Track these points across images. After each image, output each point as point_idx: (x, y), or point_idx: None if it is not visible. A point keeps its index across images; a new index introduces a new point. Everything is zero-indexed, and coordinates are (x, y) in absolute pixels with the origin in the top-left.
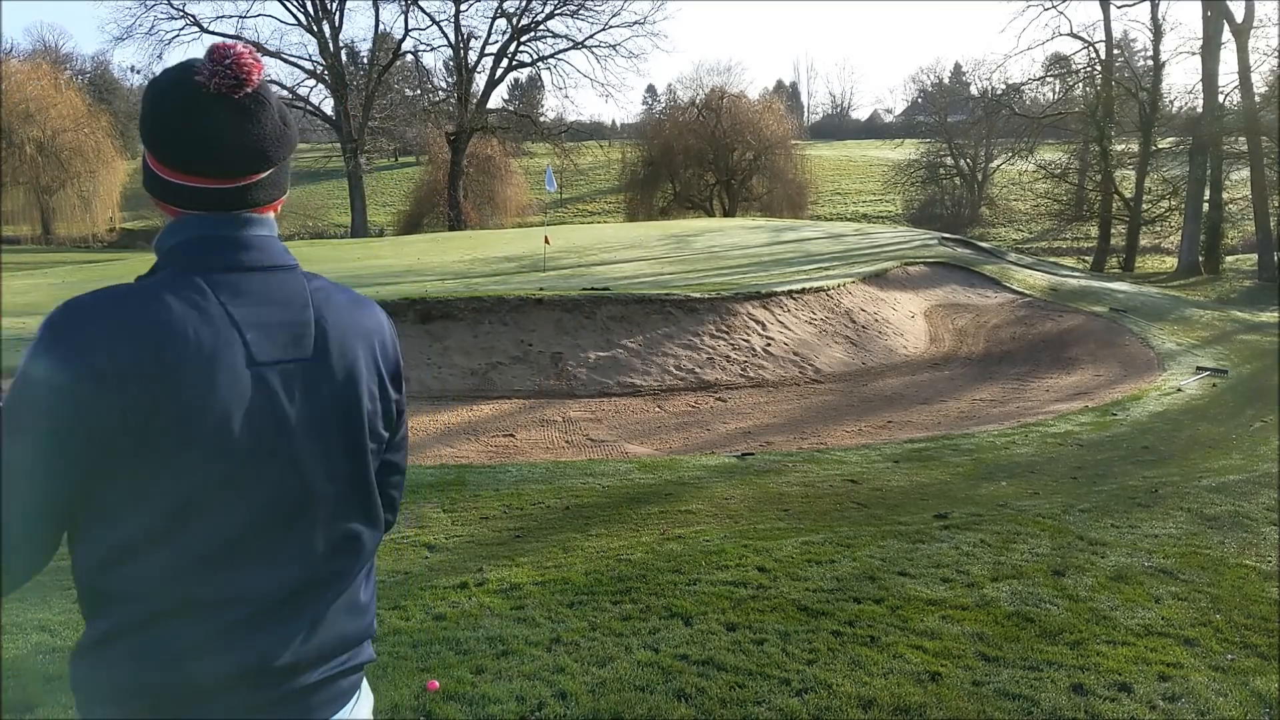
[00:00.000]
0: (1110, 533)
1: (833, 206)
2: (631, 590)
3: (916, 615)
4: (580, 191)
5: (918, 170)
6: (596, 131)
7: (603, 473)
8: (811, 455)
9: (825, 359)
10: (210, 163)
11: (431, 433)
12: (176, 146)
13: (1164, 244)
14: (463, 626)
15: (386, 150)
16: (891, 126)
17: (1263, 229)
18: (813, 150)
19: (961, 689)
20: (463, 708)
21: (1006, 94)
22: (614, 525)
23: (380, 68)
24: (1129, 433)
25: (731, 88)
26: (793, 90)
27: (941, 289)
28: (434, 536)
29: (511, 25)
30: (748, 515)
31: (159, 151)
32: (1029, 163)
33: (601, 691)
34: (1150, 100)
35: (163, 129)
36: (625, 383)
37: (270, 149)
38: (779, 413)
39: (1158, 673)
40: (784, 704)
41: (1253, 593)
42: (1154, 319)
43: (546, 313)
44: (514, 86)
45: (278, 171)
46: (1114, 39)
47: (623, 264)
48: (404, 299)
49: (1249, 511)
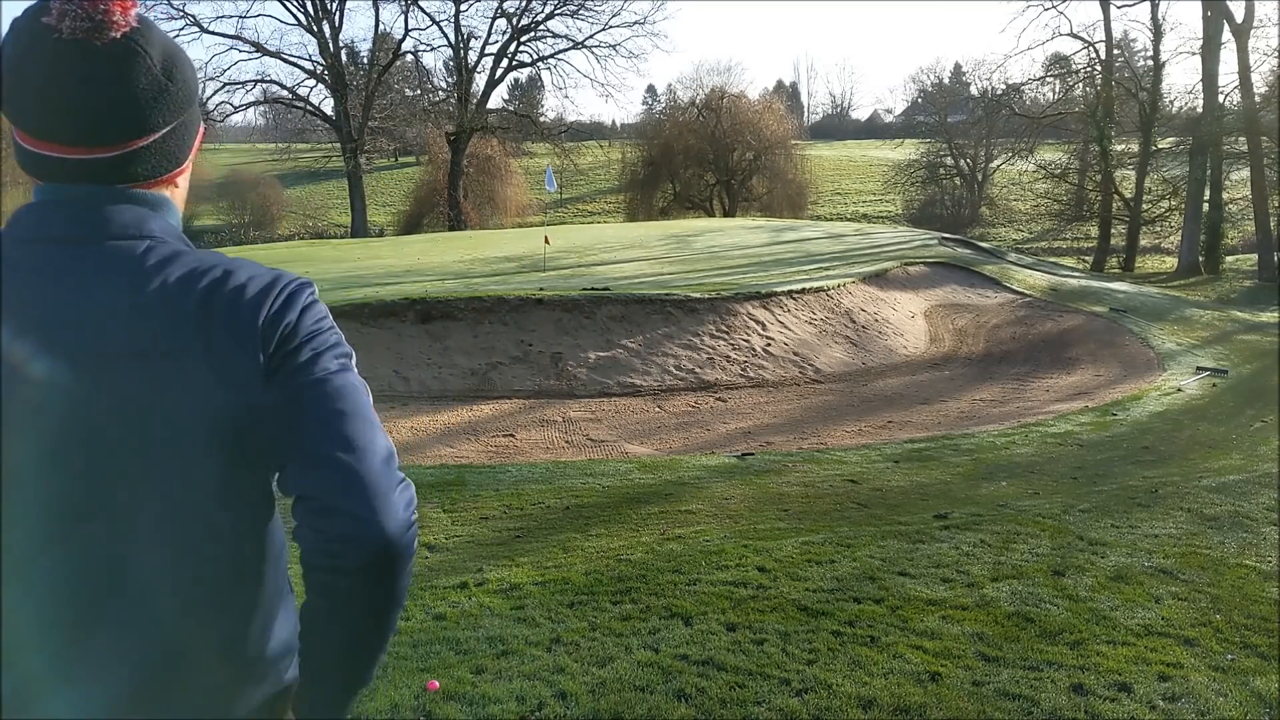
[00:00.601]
0: (1110, 533)
1: (833, 206)
2: (631, 590)
3: (916, 615)
4: (580, 191)
5: (918, 170)
6: (596, 131)
7: (603, 473)
8: (811, 455)
9: (825, 359)
10: (60, 126)
11: (431, 433)
12: (21, 106)
13: (1164, 244)
14: (463, 626)
15: (386, 150)
16: (891, 126)
17: (1263, 229)
18: (813, 150)
19: (961, 689)
20: (463, 708)
21: (1006, 94)
22: (614, 525)
23: (380, 68)
24: (1129, 433)
25: (731, 88)
26: (793, 90)
27: (941, 289)
28: (434, 536)
29: (511, 25)
30: (748, 515)
31: (7, 111)
32: (1029, 163)
33: (601, 691)
34: (1150, 100)
35: (7, 84)
36: (625, 383)
37: (144, 111)
38: (779, 413)
39: (1158, 673)
40: (784, 704)
41: (1253, 593)
42: (1154, 319)
43: (546, 313)
44: (514, 86)
45: (166, 139)
46: (1114, 39)
47: (623, 264)
48: (404, 299)
49: (1249, 511)
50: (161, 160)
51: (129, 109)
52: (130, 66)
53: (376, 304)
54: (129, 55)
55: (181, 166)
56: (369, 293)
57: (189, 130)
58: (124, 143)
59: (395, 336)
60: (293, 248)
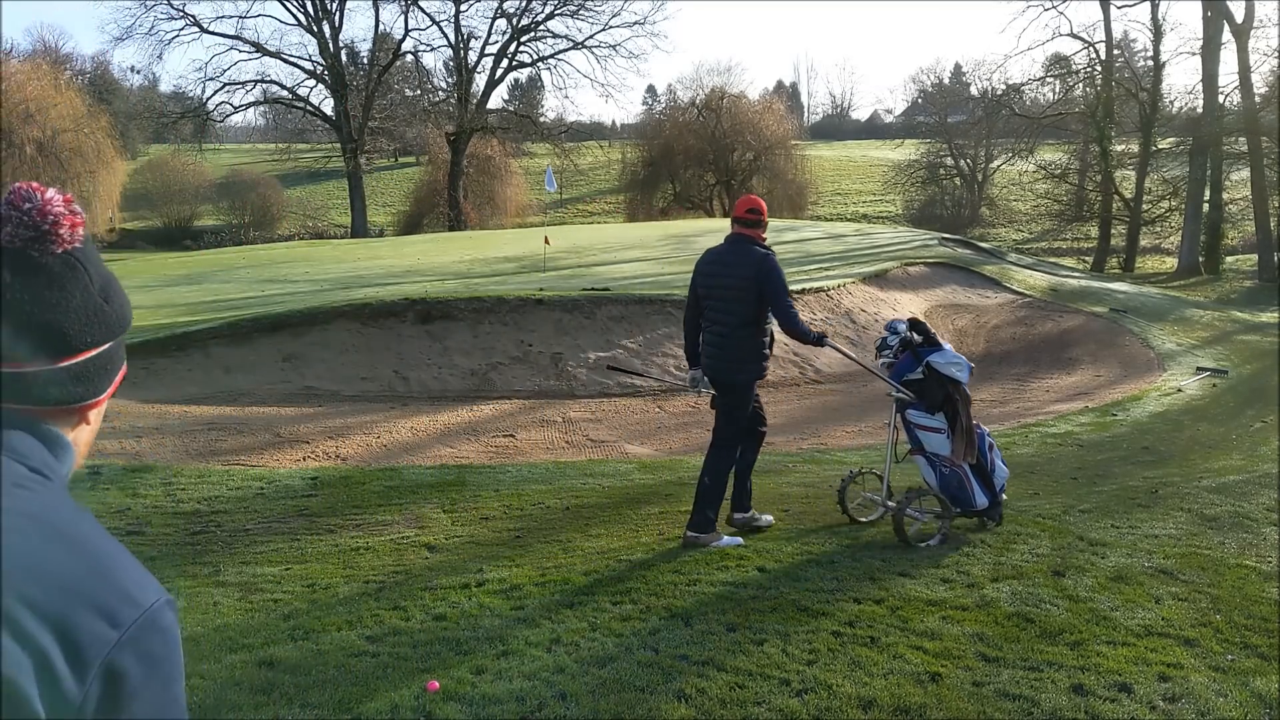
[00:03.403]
0: (1110, 533)
1: (833, 207)
2: (631, 590)
3: (917, 616)
4: (580, 192)
5: (918, 170)
6: (596, 132)
7: (603, 473)
8: (811, 455)
9: (825, 359)
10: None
11: (431, 433)
12: None
13: (1164, 244)
14: (463, 627)
15: (386, 150)
16: (891, 127)
17: (1263, 229)
18: (813, 150)
19: (961, 689)
20: (463, 708)
21: (1006, 94)
22: (614, 525)
23: (380, 68)
24: (1129, 433)
25: (731, 88)
26: (793, 90)
27: (941, 289)
28: (434, 536)
29: (511, 25)
30: None
31: None
32: (1029, 163)
33: (601, 692)
34: (1150, 100)
35: None
36: (625, 383)
37: (73, 331)
38: (779, 413)
39: (1158, 673)
40: (784, 704)
41: (1253, 593)
42: (1154, 319)
43: (546, 313)
44: (514, 87)
45: (88, 364)
46: (1114, 39)
47: (623, 264)
48: (404, 299)
49: (1249, 512)
50: (73, 386)
51: (59, 327)
52: (69, 282)
53: (377, 304)
54: (69, 272)
55: (100, 398)
56: (369, 293)
57: (114, 361)
58: (47, 361)
59: (395, 337)
60: (293, 248)
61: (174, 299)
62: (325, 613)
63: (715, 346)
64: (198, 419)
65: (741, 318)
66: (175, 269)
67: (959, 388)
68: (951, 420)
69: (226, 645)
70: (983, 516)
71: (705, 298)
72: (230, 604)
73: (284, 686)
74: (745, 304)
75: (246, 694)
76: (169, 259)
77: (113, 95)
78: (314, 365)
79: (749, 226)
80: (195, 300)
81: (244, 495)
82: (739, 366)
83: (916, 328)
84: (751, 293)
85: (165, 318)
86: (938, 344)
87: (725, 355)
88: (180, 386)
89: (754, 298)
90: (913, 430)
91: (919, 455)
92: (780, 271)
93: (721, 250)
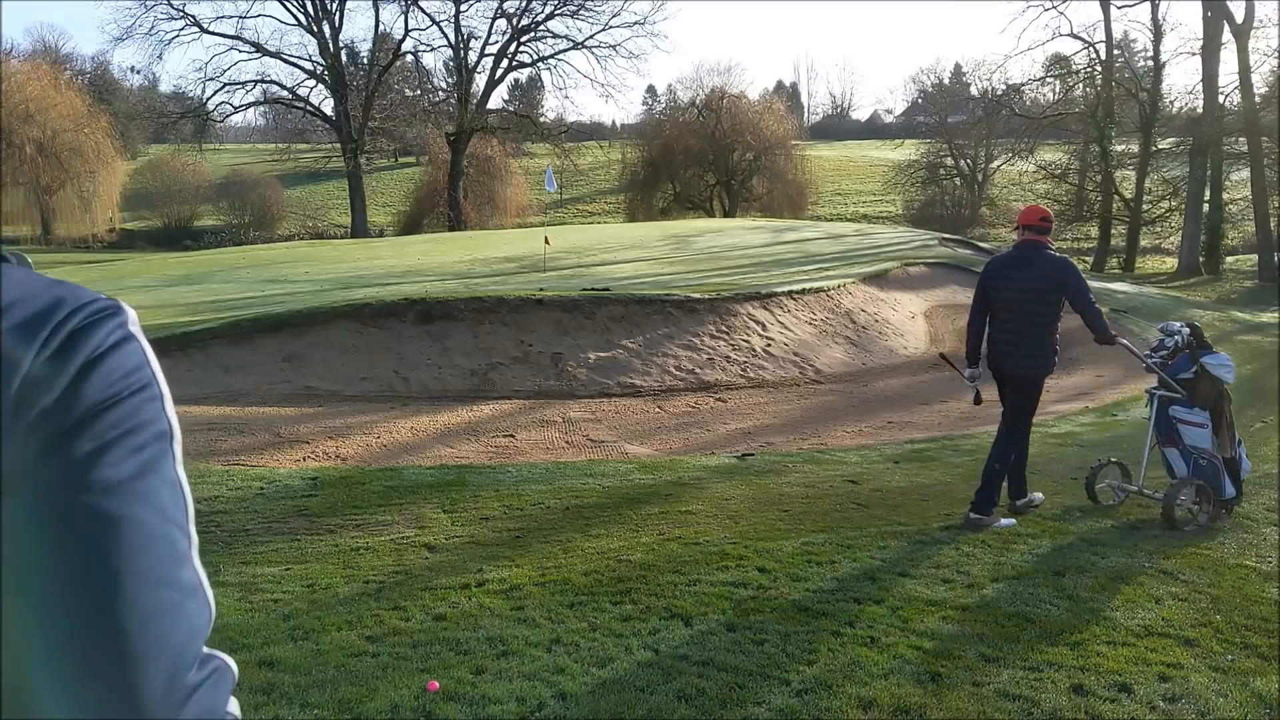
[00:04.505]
0: (1110, 533)
1: (833, 207)
2: (631, 590)
3: (917, 616)
4: (580, 192)
5: (918, 171)
6: (596, 132)
7: (603, 473)
8: (812, 456)
9: (825, 359)
10: None
11: (431, 433)
12: None
13: (1164, 244)
14: (463, 627)
15: (386, 150)
16: (891, 127)
17: (1263, 229)
18: (813, 151)
19: (961, 689)
20: (463, 708)
21: (1007, 94)
22: (614, 526)
23: (380, 68)
24: (1130, 433)
25: (731, 88)
26: (793, 91)
27: (942, 289)
28: (434, 537)
29: (511, 25)
30: (748, 516)
31: None
32: (1029, 163)
33: (601, 692)
34: (1150, 101)
35: None
36: (625, 383)
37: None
38: (779, 413)
39: (1158, 673)
40: (784, 704)
41: (1253, 593)
42: (1155, 319)
43: (546, 313)
44: (514, 87)
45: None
46: (1114, 39)
47: (623, 264)
48: (404, 299)
49: (1249, 511)
50: None
51: None
52: None
53: (377, 304)
54: None
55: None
56: (369, 293)
57: None
58: None
59: (395, 337)
60: (293, 248)
61: (174, 299)
62: (325, 613)
63: (1011, 345)
64: (198, 419)
65: (1041, 317)
66: (175, 269)
67: (1224, 388)
68: (1216, 417)
69: (226, 645)
70: (1228, 505)
71: (998, 302)
72: (230, 604)
73: (284, 686)
74: (1046, 305)
75: (246, 694)
76: (169, 259)
77: (113, 95)
78: (314, 365)
79: (1040, 233)
80: (195, 300)
81: (244, 495)
82: (1036, 361)
83: (1195, 333)
84: (1053, 294)
85: (165, 318)
86: (1210, 348)
87: (1021, 352)
88: (180, 386)
89: (1054, 299)
90: (1173, 424)
91: (1171, 447)
92: (1082, 275)
93: (1014, 256)
